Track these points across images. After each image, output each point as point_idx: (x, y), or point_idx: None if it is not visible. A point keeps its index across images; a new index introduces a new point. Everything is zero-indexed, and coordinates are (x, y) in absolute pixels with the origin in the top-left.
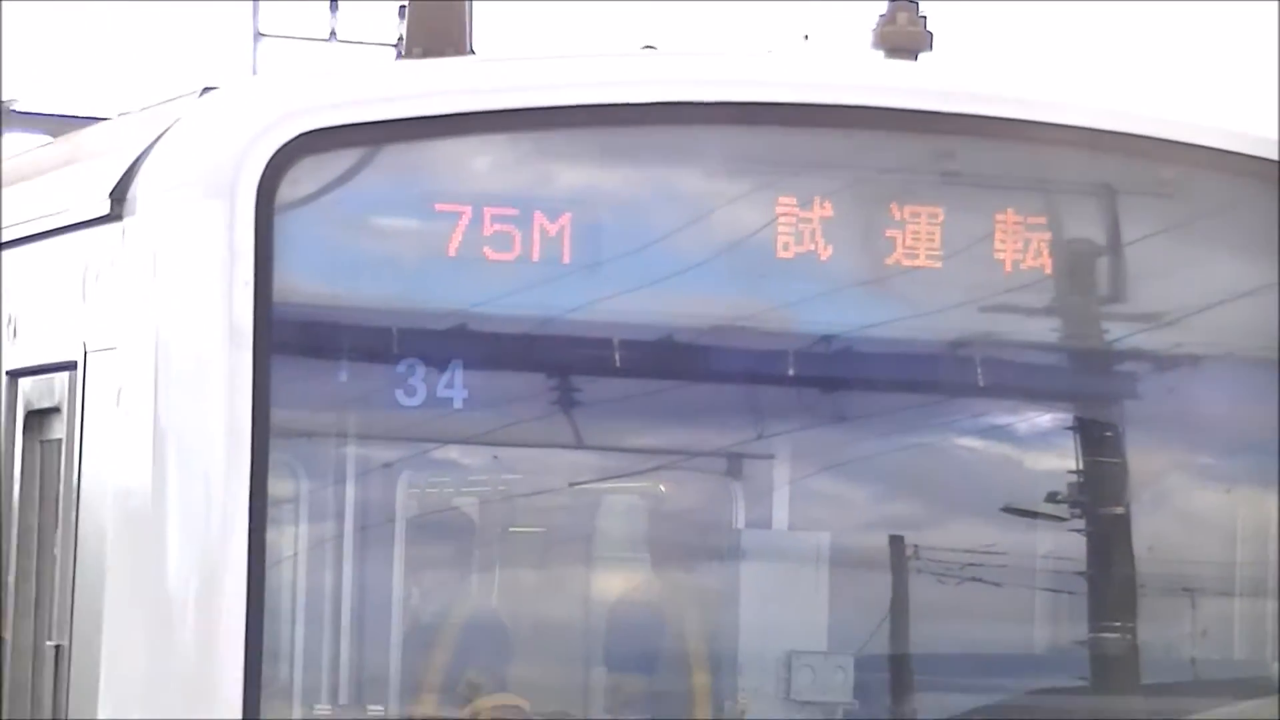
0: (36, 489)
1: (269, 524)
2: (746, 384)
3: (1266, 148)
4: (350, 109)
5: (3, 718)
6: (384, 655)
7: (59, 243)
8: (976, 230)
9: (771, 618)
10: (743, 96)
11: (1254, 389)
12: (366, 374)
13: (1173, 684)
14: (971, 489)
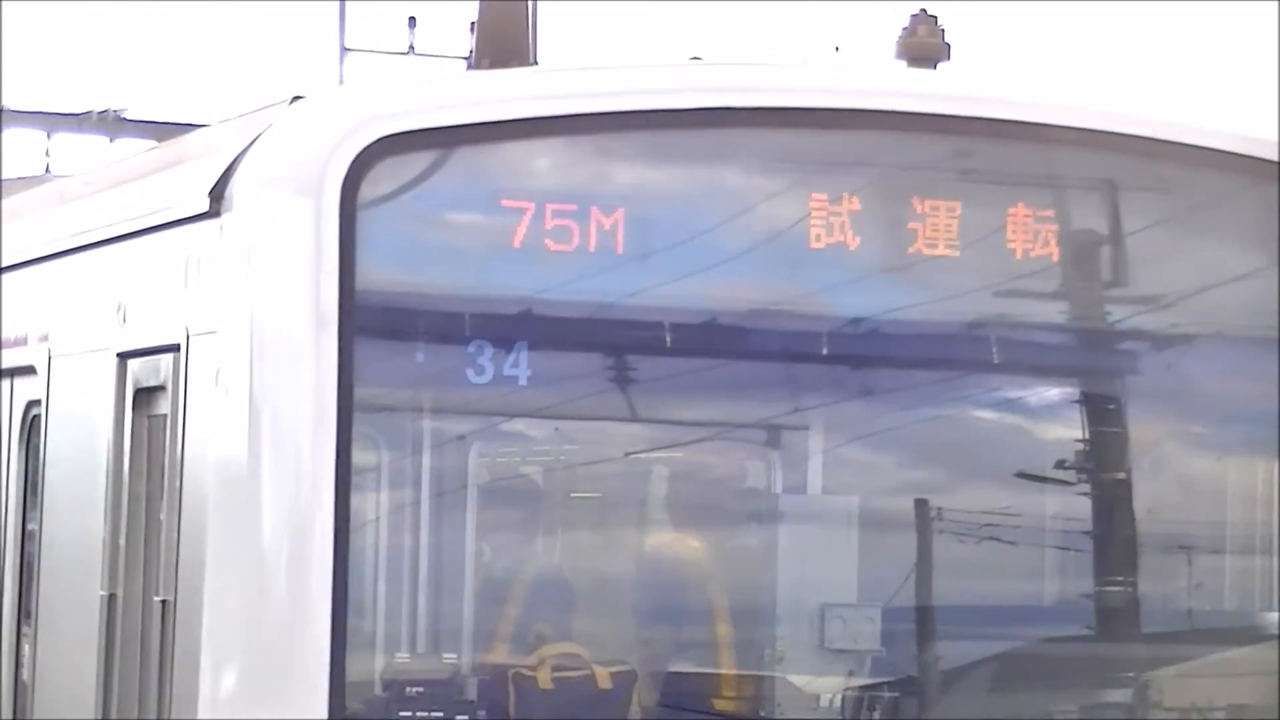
0: (144, 459)
1: (353, 490)
2: (782, 362)
3: (1252, 146)
4: (425, 115)
5: (116, 665)
6: (457, 608)
7: (164, 237)
8: (990, 222)
9: (806, 574)
10: (779, 102)
11: (1241, 366)
12: (440, 354)
13: (1170, 632)
14: (987, 456)
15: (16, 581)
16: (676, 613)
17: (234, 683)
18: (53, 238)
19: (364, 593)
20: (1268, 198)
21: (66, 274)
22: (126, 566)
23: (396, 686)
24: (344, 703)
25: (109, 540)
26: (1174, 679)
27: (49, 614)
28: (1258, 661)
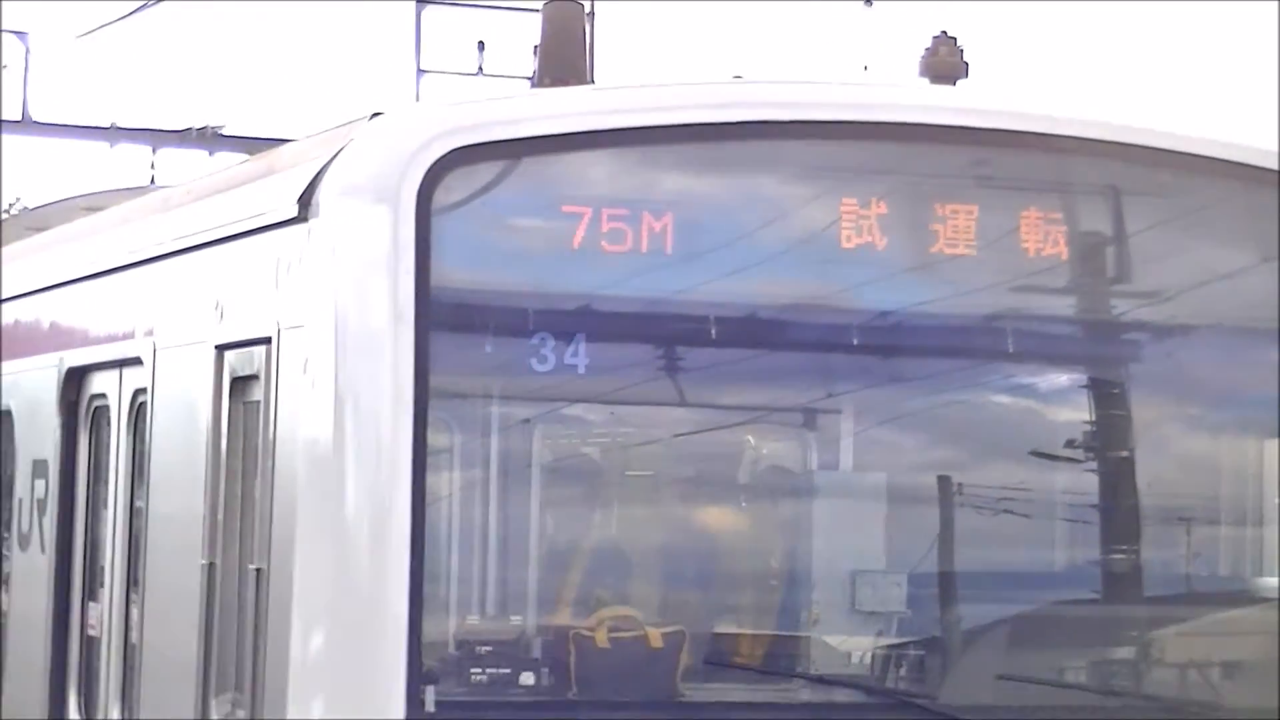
0: (239, 442)
1: (428, 469)
2: (816, 352)
3: (1243, 153)
4: (492, 129)
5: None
6: (522, 575)
7: (257, 241)
8: (1005, 224)
9: (838, 543)
10: (813, 116)
11: (1233, 354)
12: (506, 346)
13: (1169, 595)
14: (1002, 437)
15: (126, 552)
16: (721, 579)
17: (321, 643)
18: (157, 242)
19: (438, 561)
20: (1257, 201)
21: (169, 274)
22: (224, 538)
23: (468, 646)
24: (421, 661)
25: (208, 514)
26: (1174, 638)
27: (155, 581)
28: (1250, 622)
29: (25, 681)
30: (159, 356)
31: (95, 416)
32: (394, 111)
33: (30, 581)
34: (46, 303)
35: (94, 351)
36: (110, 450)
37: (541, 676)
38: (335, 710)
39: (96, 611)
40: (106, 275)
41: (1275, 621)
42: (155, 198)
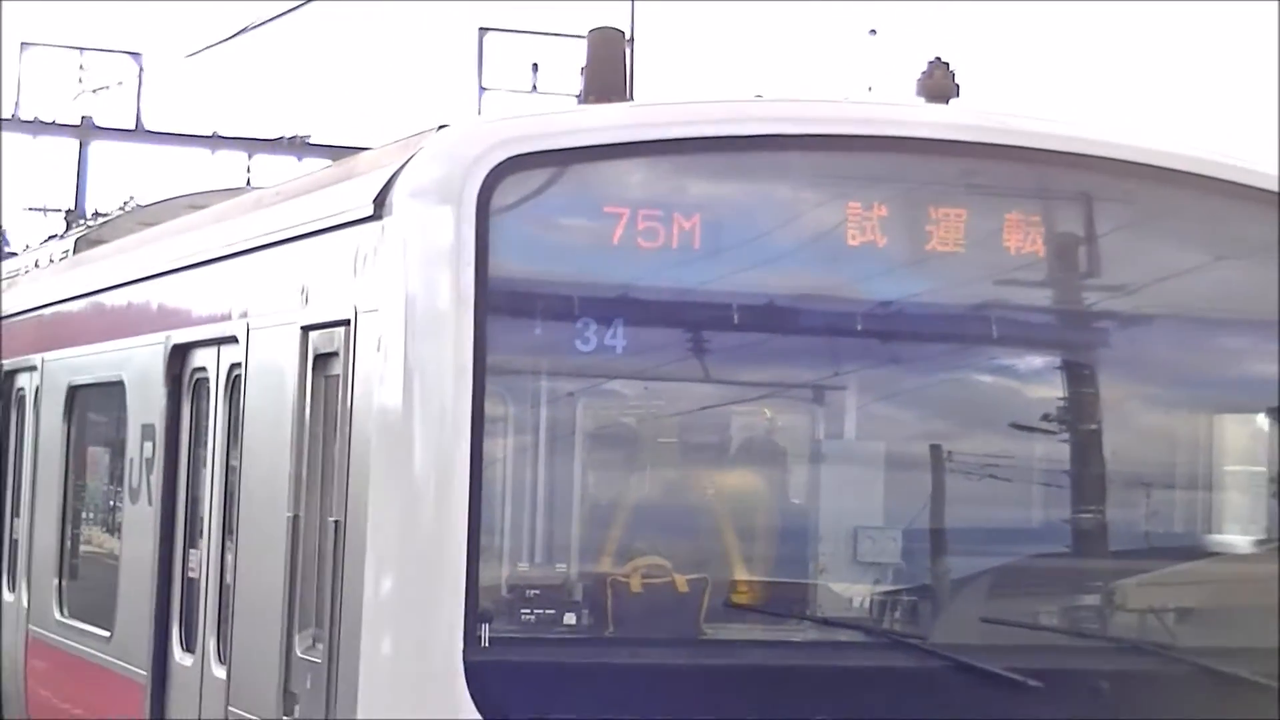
0: (321, 410)
1: (485, 435)
2: (824, 336)
3: (1198, 164)
4: (543, 140)
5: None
6: (566, 528)
7: (337, 236)
8: (990, 225)
9: (842, 502)
10: (823, 130)
11: (1186, 341)
12: (554, 329)
13: (1130, 550)
14: (985, 411)
15: (222, 505)
16: (740, 532)
17: (390, 586)
18: (251, 236)
19: (493, 516)
20: (1209, 206)
21: (262, 264)
22: (307, 494)
23: (518, 590)
24: (478, 603)
25: (293, 473)
26: (1134, 587)
27: (247, 531)
28: (1200, 573)
29: (133, 620)
30: (252, 336)
31: (196, 387)
32: (458, 124)
33: (139, 531)
34: (155, 288)
35: (196, 331)
36: (208, 417)
37: (582, 617)
38: (402, 645)
39: (196, 557)
40: (207, 265)
41: (1221, 572)
42: (250, 197)
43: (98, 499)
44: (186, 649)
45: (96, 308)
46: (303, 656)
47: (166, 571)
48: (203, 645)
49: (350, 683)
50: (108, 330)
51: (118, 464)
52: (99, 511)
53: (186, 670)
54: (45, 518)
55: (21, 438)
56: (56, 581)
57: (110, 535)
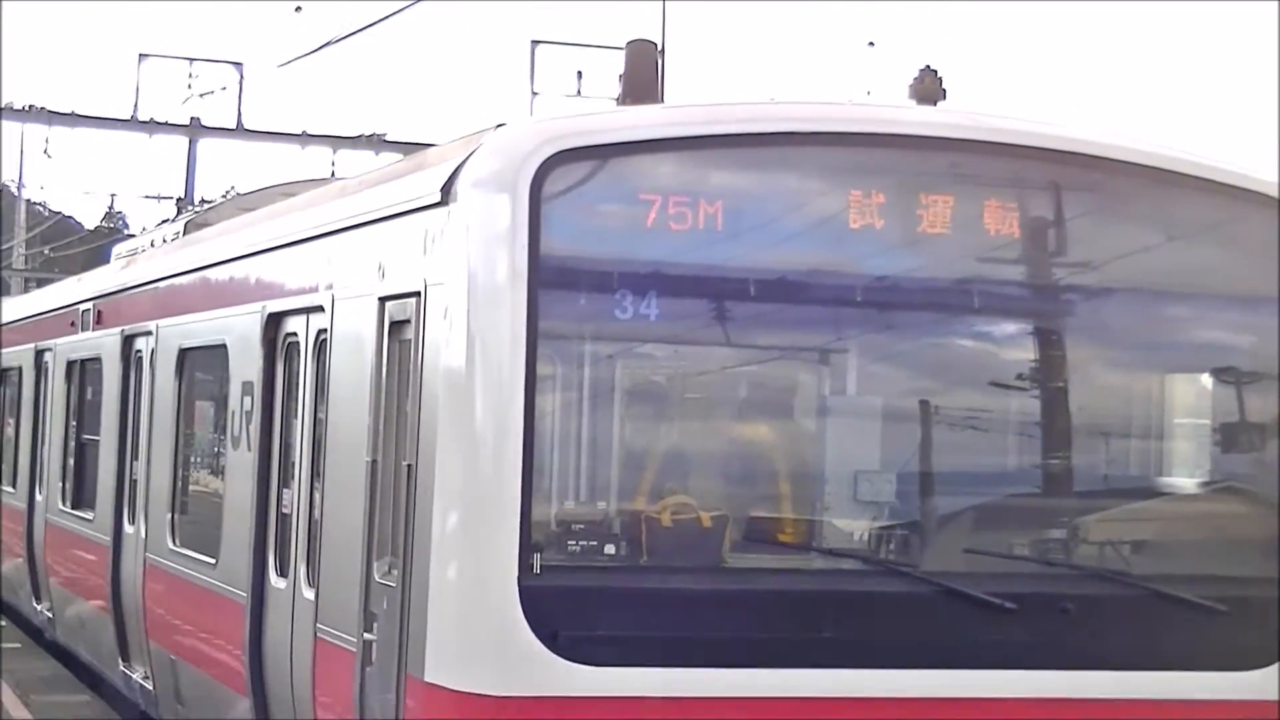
0: (395, 369)
1: (536, 391)
2: (829, 306)
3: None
4: (587, 137)
5: (377, 509)
6: (606, 472)
7: (410, 219)
8: (973, 211)
9: (844, 449)
10: (829, 129)
11: (1141, 311)
12: (595, 299)
13: (1091, 490)
14: (968, 370)
15: (310, 451)
16: (756, 475)
17: (455, 522)
18: (336, 219)
19: (543, 461)
20: (1160, 193)
21: (345, 244)
22: (383, 441)
23: (564, 524)
24: (530, 536)
25: (371, 423)
26: (1095, 522)
27: (333, 474)
28: (1152, 510)
29: (235, 549)
30: (336, 305)
31: (288, 350)
32: (513, 123)
33: (239, 473)
34: (253, 264)
35: (288, 301)
36: (299, 376)
37: (620, 547)
38: (465, 571)
39: (288, 496)
40: (298, 244)
41: (1170, 510)
42: (334, 186)
43: (204, 446)
44: (280, 574)
45: (203, 281)
46: (380, 581)
47: (263, 508)
48: (294, 571)
49: (421, 604)
50: (212, 301)
51: (221, 416)
52: (205, 457)
53: (280, 593)
54: (160, 461)
55: (139, 393)
56: (169, 516)
57: (215, 477)
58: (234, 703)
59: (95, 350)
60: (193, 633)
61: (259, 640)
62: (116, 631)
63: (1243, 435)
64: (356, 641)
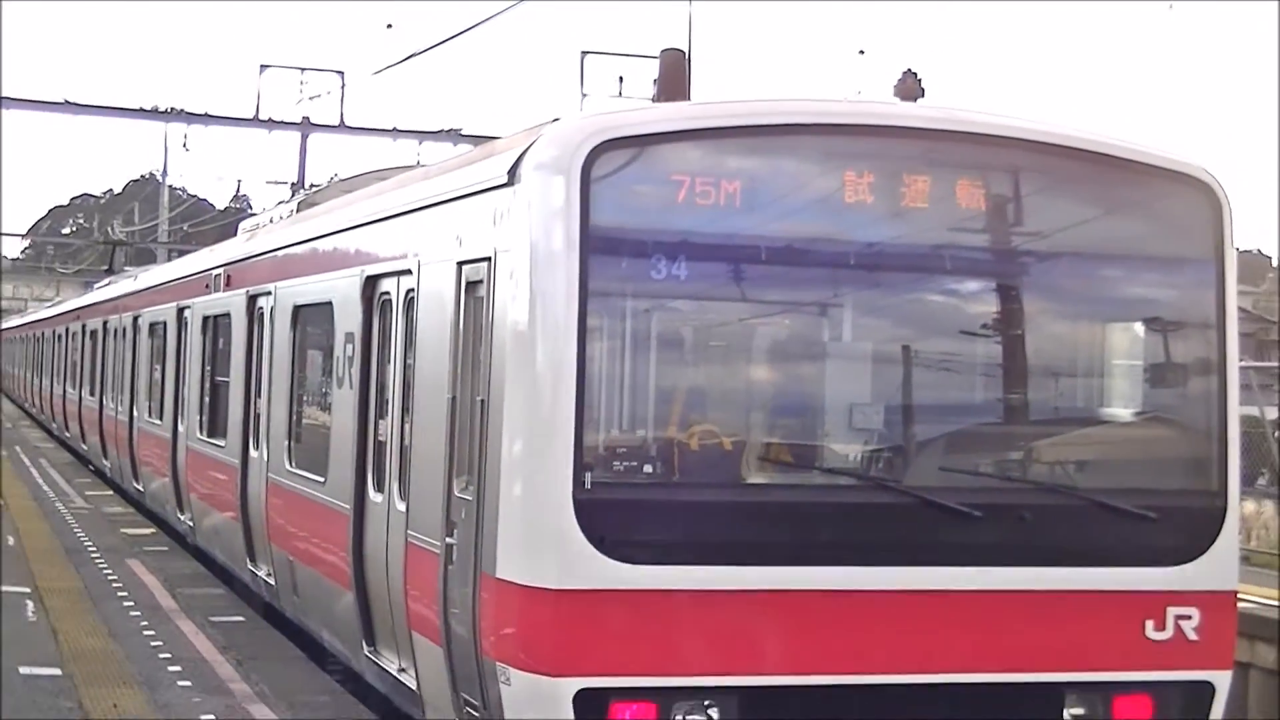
0: (470, 321)
1: (587, 340)
2: (828, 268)
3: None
4: (627, 129)
5: (455, 437)
6: (644, 405)
7: (482, 198)
8: (946, 189)
9: (842, 386)
10: (828, 121)
11: (1086, 271)
12: (635, 263)
13: (1043, 419)
14: (942, 320)
15: (401, 388)
16: (768, 407)
17: (520, 448)
18: (421, 198)
19: (593, 397)
20: (1102, 173)
21: (428, 218)
22: (461, 380)
23: (610, 448)
24: (583, 458)
25: (451, 366)
26: (1046, 446)
27: (420, 409)
28: (1093, 436)
29: (340, 470)
30: (422, 269)
31: (382, 306)
32: (566, 118)
33: (344, 408)
34: (353, 236)
35: (382, 265)
36: (391, 327)
37: (655, 467)
38: (530, 487)
39: (383, 426)
40: (390, 219)
41: (1110, 435)
42: (419, 171)
43: (314, 385)
44: (377, 490)
45: (312, 250)
46: (459, 495)
47: (363, 436)
48: (389, 488)
49: (492, 514)
50: (320, 266)
51: (327, 361)
52: (315, 394)
53: (377, 505)
54: (278, 398)
55: (261, 342)
56: (286, 443)
57: (323, 411)
58: (340, 595)
59: (225, 308)
60: (306, 538)
61: (360, 544)
62: (244, 537)
63: (1167, 374)
64: (440, 545)
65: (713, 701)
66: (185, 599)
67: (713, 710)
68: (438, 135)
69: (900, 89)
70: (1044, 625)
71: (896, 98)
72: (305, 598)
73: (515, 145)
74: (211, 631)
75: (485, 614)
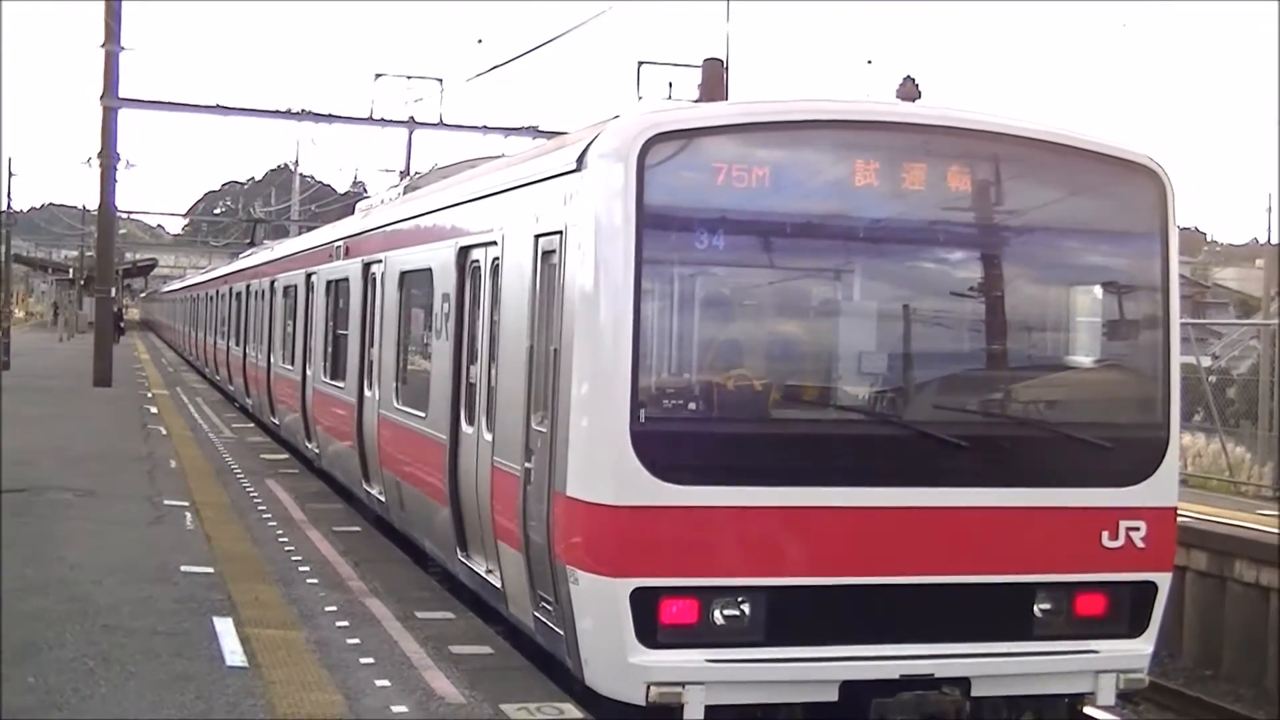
0: (546, 284)
1: (641, 299)
2: (841, 239)
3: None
4: (676, 124)
5: (533, 380)
6: (689, 353)
7: (555, 181)
8: (939, 174)
9: (851, 337)
10: (841, 118)
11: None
12: (681, 235)
13: (1019, 365)
14: (935, 283)
15: (488, 339)
16: (791, 355)
17: (587, 389)
18: (504, 182)
19: (646, 347)
20: (1068, 161)
21: (510, 199)
22: (537, 333)
23: (660, 389)
24: (638, 397)
25: (530, 320)
26: (1021, 387)
27: (503, 356)
28: (1060, 379)
29: (438, 407)
30: (505, 241)
31: (473, 272)
32: (624, 115)
33: (441, 355)
34: (449, 214)
35: (472, 238)
36: (480, 288)
37: (698, 404)
38: (594, 421)
39: (474, 370)
40: (479, 199)
41: (1074, 379)
42: (502, 160)
43: (416, 337)
44: (469, 424)
45: (416, 226)
46: (535, 428)
47: (457, 379)
48: (478, 421)
49: (563, 443)
50: (422, 239)
51: (428, 317)
52: (417, 344)
53: (469, 436)
54: (387, 348)
55: (373, 301)
56: (394, 385)
57: (424, 358)
58: (438, 510)
59: (345, 273)
60: (410, 463)
61: (454, 468)
62: (360, 462)
63: (1121, 328)
64: (520, 469)
65: (745, 598)
66: (312, 512)
67: (744, 605)
68: (518, 130)
69: (901, 92)
70: (1019, 536)
71: (898, 99)
72: (410, 512)
73: (582, 138)
74: (334, 539)
75: (557, 526)
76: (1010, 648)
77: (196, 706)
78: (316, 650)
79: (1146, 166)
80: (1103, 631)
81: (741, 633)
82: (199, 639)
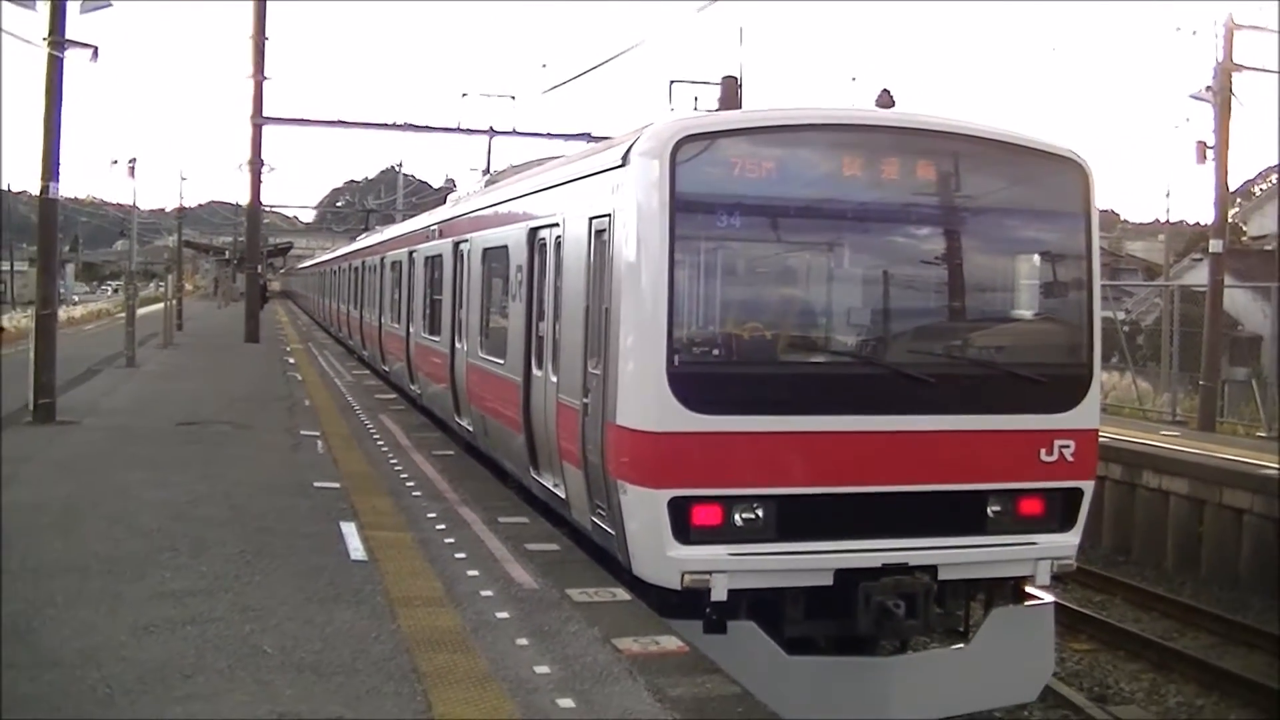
0: (599, 257)
1: (675, 269)
2: (833, 219)
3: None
4: (701, 128)
5: (588, 334)
6: (713, 310)
7: (605, 175)
8: (910, 166)
9: (842, 297)
10: (831, 121)
11: (1008, 219)
12: (707, 217)
13: (975, 319)
14: (910, 253)
15: (553, 300)
16: (794, 311)
17: (632, 340)
18: (564, 176)
19: (678, 306)
20: (1018, 157)
21: (570, 189)
22: (592, 295)
23: (690, 339)
24: (672, 346)
25: (585, 285)
26: (976, 335)
27: (564, 314)
28: (1006, 330)
29: (514, 355)
30: (566, 222)
31: (540, 248)
32: (659, 121)
33: (515, 314)
34: (521, 202)
35: (540, 221)
36: (547, 261)
37: (720, 351)
38: (638, 365)
39: (542, 326)
40: (545, 190)
41: (1018, 329)
42: (563, 158)
43: (496, 300)
44: (538, 368)
45: (495, 212)
46: (591, 371)
47: (529, 332)
48: (546, 366)
49: (614, 382)
50: (500, 222)
51: (505, 284)
52: (497, 305)
53: (539, 378)
54: (473, 308)
55: (463, 273)
56: (479, 338)
57: (502, 317)
58: (514, 437)
59: (439, 251)
60: (492, 400)
61: (528, 403)
62: (453, 400)
63: (1054, 289)
64: (579, 403)
65: (759, 504)
66: (416, 439)
67: (759, 510)
68: (575, 136)
69: (879, 101)
70: (975, 452)
71: (877, 106)
72: (492, 439)
73: (626, 140)
74: (433, 461)
75: (609, 448)
76: (968, 541)
77: (329, 590)
78: (421, 548)
79: (1073, 159)
80: (1040, 528)
81: (756, 531)
82: (330, 538)
